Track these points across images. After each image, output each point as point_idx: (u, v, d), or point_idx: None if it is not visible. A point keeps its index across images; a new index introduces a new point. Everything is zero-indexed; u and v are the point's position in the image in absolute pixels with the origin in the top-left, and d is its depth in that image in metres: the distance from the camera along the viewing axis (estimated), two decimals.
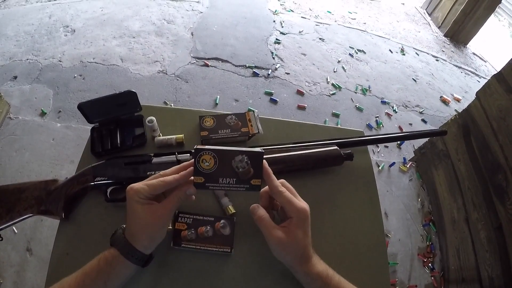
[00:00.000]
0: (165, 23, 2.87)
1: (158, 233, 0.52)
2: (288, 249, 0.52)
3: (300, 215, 0.52)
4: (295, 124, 0.86)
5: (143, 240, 0.50)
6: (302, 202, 0.54)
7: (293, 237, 0.52)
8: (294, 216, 0.52)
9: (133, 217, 0.50)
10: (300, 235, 0.52)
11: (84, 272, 0.49)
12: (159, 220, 0.50)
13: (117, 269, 0.49)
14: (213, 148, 0.48)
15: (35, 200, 0.62)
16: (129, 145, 0.72)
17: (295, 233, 0.52)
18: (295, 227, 0.52)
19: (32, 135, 1.88)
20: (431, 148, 2.02)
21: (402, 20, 3.93)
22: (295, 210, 0.52)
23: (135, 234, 0.50)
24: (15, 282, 1.41)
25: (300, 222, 0.52)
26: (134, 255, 0.49)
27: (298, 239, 0.52)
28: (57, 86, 2.19)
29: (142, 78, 2.34)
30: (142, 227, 0.50)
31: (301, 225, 0.52)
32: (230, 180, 0.49)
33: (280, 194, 0.52)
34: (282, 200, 0.53)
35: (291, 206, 0.52)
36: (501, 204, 1.42)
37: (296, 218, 0.52)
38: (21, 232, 1.52)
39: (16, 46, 2.44)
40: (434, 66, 3.24)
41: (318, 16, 3.49)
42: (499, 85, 1.54)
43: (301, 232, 0.52)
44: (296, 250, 0.52)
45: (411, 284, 1.65)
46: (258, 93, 2.43)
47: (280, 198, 0.53)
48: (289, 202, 0.52)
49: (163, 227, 0.52)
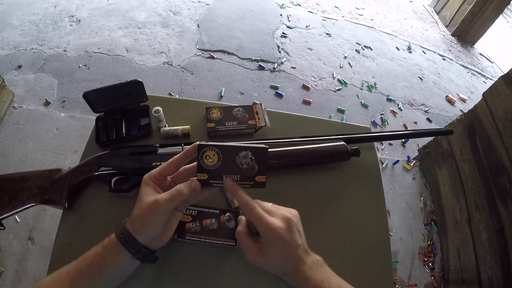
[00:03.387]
0: (171, 14, 2.85)
1: (150, 220, 0.47)
2: (268, 268, 0.49)
3: (268, 236, 0.47)
4: (302, 118, 0.85)
5: (136, 223, 0.47)
6: (277, 219, 0.48)
7: (266, 258, 0.48)
8: (262, 234, 0.48)
9: (138, 199, 0.49)
10: (272, 256, 0.47)
11: (83, 258, 0.48)
12: (152, 205, 0.46)
13: (111, 253, 0.47)
14: (216, 144, 0.46)
15: (38, 189, 0.61)
16: (134, 135, 0.71)
17: (267, 254, 0.48)
18: (267, 248, 0.48)
19: (36, 124, 1.88)
20: (436, 147, 2.01)
21: (410, 17, 3.89)
22: (263, 230, 0.47)
23: (133, 216, 0.48)
24: (17, 270, 1.41)
25: (270, 243, 0.47)
26: (126, 238, 0.47)
27: (271, 261, 0.48)
28: (61, 75, 2.19)
29: (147, 69, 2.33)
30: (138, 209, 0.48)
31: (272, 246, 0.47)
32: (234, 177, 0.47)
33: (249, 209, 0.47)
34: (251, 216, 0.48)
35: (260, 222, 0.47)
36: (504, 207, 1.41)
37: (264, 237, 0.48)
38: (23, 221, 1.53)
39: (21, 36, 2.43)
40: (440, 65, 3.21)
41: (325, 11, 3.46)
42: (506, 86, 1.52)
43: (273, 253, 0.47)
44: (274, 270, 0.49)
45: (411, 283, 1.65)
46: (264, 87, 2.41)
47: (249, 214, 0.48)
48: (259, 217, 0.47)
49: (156, 213, 0.46)
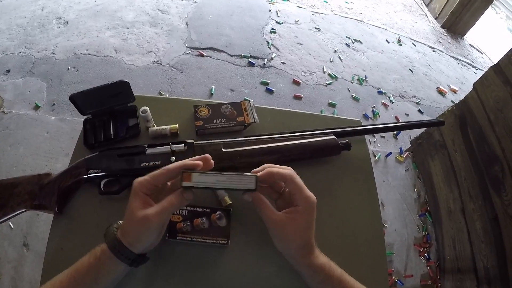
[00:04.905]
0: (159, 13, 2.83)
1: (143, 235, 0.48)
2: (289, 238, 0.51)
3: (308, 204, 0.51)
4: (291, 113, 0.84)
5: (129, 237, 0.48)
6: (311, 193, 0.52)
7: (296, 226, 0.50)
8: (302, 204, 0.50)
9: (128, 211, 0.48)
10: (304, 224, 0.51)
11: (76, 269, 0.48)
12: (143, 221, 0.46)
13: (106, 264, 0.47)
14: (197, 186, 0.47)
15: (28, 194, 0.60)
16: (122, 136, 0.70)
17: (299, 221, 0.50)
18: (300, 215, 0.50)
19: (26, 129, 1.86)
20: (428, 138, 2.02)
21: (399, 10, 3.89)
22: (304, 198, 0.50)
23: (124, 229, 0.48)
24: (13, 277, 1.40)
25: (306, 211, 0.51)
26: (120, 251, 0.47)
27: (301, 228, 0.50)
28: (50, 78, 2.16)
29: (137, 69, 2.31)
30: (129, 221, 0.48)
31: (306, 214, 0.51)
32: None
33: (293, 180, 0.51)
34: (294, 186, 0.51)
35: (301, 193, 0.51)
36: (497, 196, 1.42)
37: (303, 207, 0.50)
38: (17, 227, 1.51)
39: (9, 40, 2.39)
40: (430, 57, 3.22)
41: (314, 6, 3.45)
42: (497, 76, 1.53)
43: (305, 221, 0.51)
44: (298, 240, 0.51)
45: (407, 273, 1.67)
46: (254, 83, 2.41)
47: (292, 184, 0.51)
48: (301, 188, 0.51)
49: (148, 229, 0.47)
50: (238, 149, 0.66)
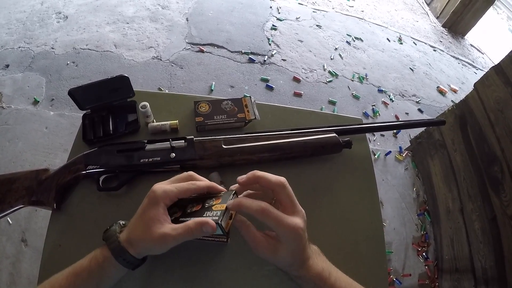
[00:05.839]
0: (159, 9, 2.81)
1: (156, 250, 0.46)
2: (273, 261, 0.48)
3: (287, 236, 0.44)
4: (292, 110, 0.84)
5: (139, 249, 0.46)
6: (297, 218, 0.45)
7: (276, 253, 0.46)
8: (282, 236, 0.45)
9: (141, 218, 0.46)
10: (286, 253, 0.45)
11: (75, 272, 0.46)
12: (160, 240, 0.44)
13: (108, 271, 0.46)
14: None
15: (26, 190, 0.60)
16: (121, 132, 0.70)
17: (280, 250, 0.45)
18: (282, 245, 0.45)
19: (25, 124, 1.85)
20: (427, 137, 2.01)
21: (401, 9, 3.88)
22: (283, 231, 0.44)
23: (134, 239, 0.46)
24: (11, 273, 1.40)
25: (288, 242, 0.45)
26: (126, 259, 0.45)
27: (283, 257, 0.46)
28: (49, 73, 2.15)
29: (136, 64, 2.30)
30: (144, 235, 0.45)
31: (289, 244, 0.45)
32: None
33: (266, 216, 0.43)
34: (268, 222, 0.44)
35: (279, 227, 0.43)
36: (496, 196, 1.42)
37: (283, 239, 0.45)
38: (15, 223, 1.51)
39: (8, 34, 2.38)
40: (431, 56, 3.22)
41: (315, 3, 3.43)
42: (498, 77, 1.52)
43: (287, 250, 0.45)
44: (283, 263, 0.48)
45: (405, 272, 1.67)
46: (254, 80, 2.40)
47: (266, 219, 0.44)
48: (279, 222, 0.43)
49: (162, 248, 0.45)
50: (239, 146, 0.65)
